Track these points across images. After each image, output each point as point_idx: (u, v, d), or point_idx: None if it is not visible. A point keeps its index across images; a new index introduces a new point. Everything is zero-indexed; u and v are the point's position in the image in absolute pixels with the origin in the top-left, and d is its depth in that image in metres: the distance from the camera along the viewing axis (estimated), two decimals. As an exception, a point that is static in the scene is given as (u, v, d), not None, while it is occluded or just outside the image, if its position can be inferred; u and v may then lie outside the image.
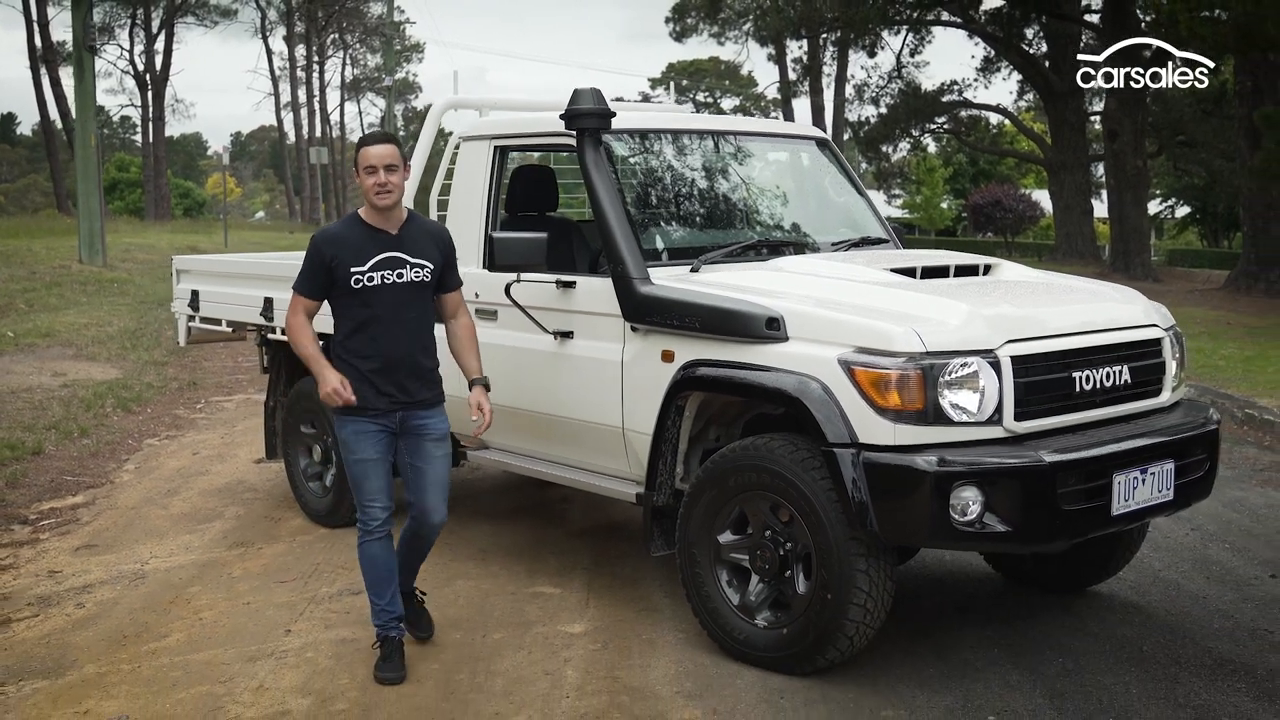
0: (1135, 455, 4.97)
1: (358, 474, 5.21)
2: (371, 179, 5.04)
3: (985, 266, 5.96)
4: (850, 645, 4.92)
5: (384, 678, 5.15)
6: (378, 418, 5.13)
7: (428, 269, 5.17)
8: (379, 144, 5.13)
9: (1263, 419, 11.15)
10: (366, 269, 5.07)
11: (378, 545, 5.24)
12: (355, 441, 5.17)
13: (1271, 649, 5.52)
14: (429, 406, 5.25)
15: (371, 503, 5.22)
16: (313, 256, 5.15)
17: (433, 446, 5.25)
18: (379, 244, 5.11)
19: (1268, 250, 27.38)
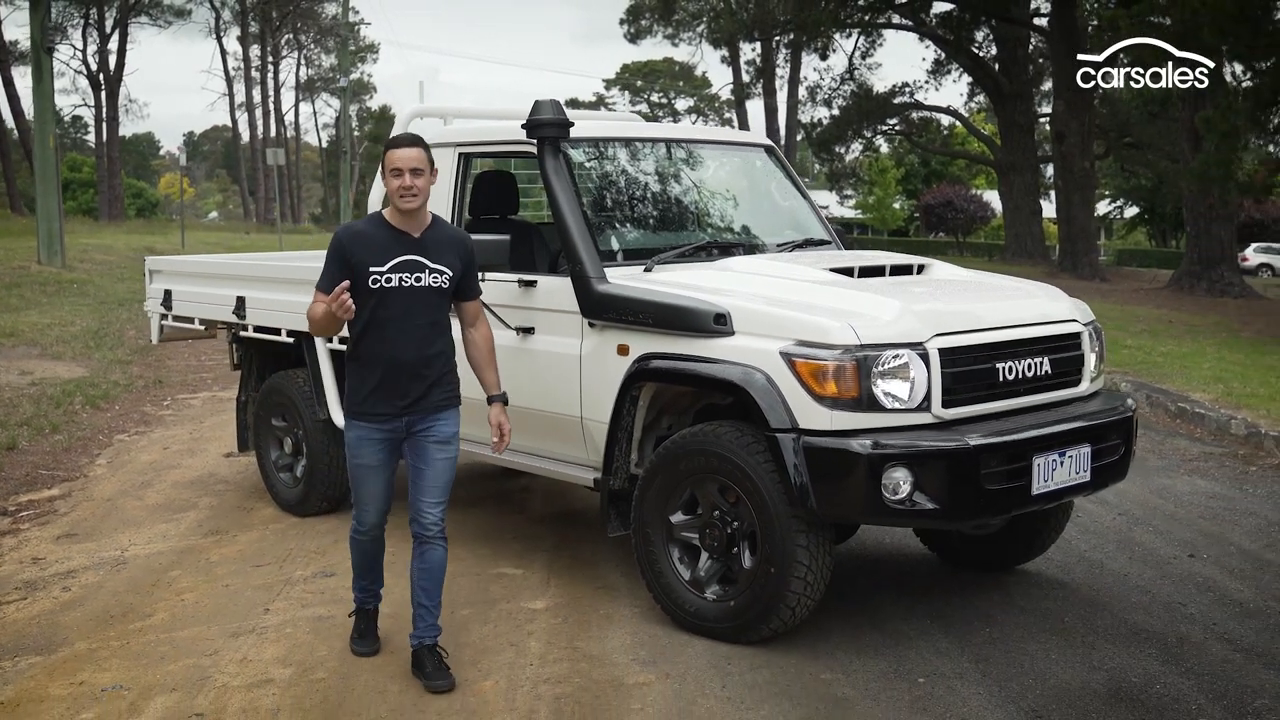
0: (1054, 440, 5.40)
1: (357, 477, 5.24)
2: (397, 181, 4.98)
3: (919, 266, 6.39)
4: (792, 615, 5.32)
5: (359, 650, 5.39)
6: (383, 424, 5.10)
7: (446, 275, 5.09)
8: (407, 147, 5.05)
9: (1194, 412, 11.64)
10: (385, 270, 4.99)
11: (369, 543, 5.37)
12: (358, 446, 5.17)
13: (1184, 620, 5.96)
14: (437, 410, 5.16)
15: (366, 506, 5.27)
16: (335, 252, 5.06)
17: (435, 449, 5.16)
18: (401, 246, 5.04)
19: (1209, 251, 28.08)
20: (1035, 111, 41.77)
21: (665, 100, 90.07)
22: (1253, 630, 5.82)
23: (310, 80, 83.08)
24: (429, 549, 5.21)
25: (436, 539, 5.21)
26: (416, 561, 5.22)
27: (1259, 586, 6.53)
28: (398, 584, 5.93)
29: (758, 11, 39.45)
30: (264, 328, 7.96)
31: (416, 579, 5.21)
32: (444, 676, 5.10)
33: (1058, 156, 34.74)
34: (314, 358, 7.53)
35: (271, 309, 7.82)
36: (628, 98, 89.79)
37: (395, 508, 5.39)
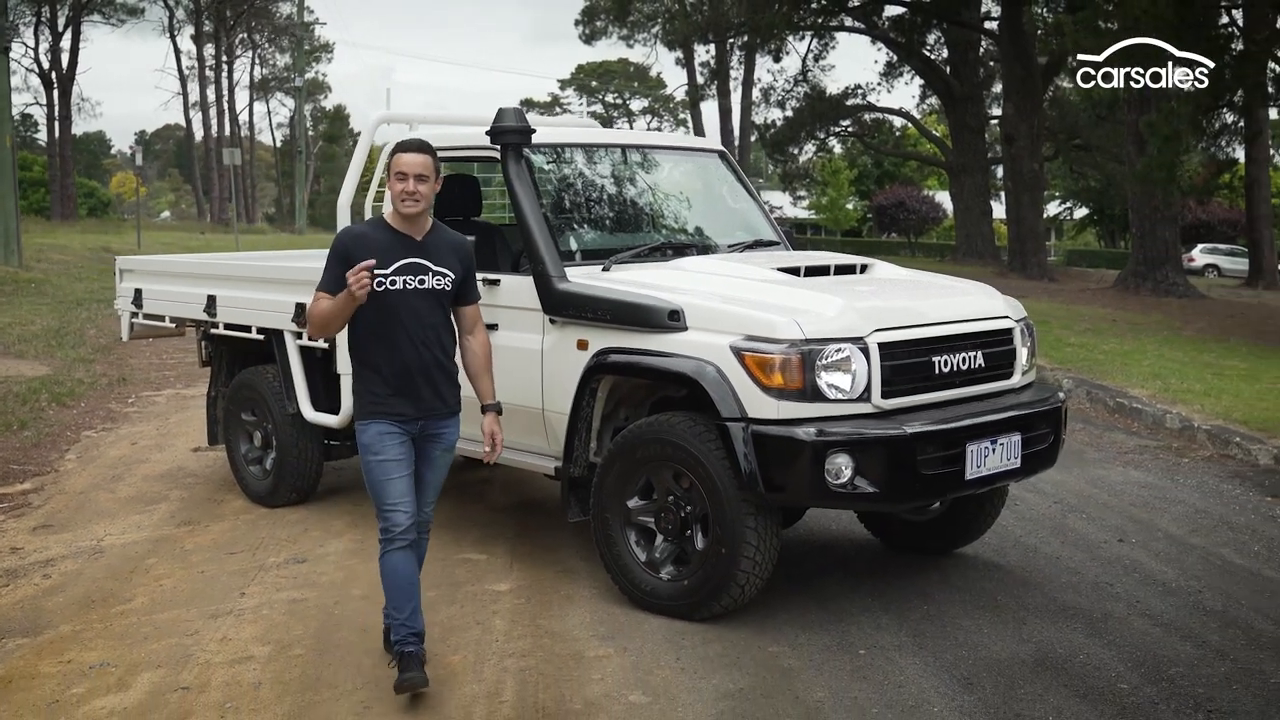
0: (986, 428, 5.77)
1: (379, 475, 5.08)
2: (401, 185, 4.98)
3: (862, 266, 6.77)
4: (742, 593, 5.67)
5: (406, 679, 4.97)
6: (403, 422, 5.07)
7: (449, 278, 5.09)
8: (415, 152, 5.04)
9: (1132, 407, 12.08)
10: (389, 272, 4.98)
11: (400, 555, 5.13)
12: (378, 443, 5.07)
13: (1110, 598, 6.35)
14: (448, 415, 5.20)
15: (394, 508, 5.09)
16: (337, 253, 5.04)
17: (440, 454, 5.22)
18: (403, 249, 5.04)
19: (1154, 251, 28.61)
20: (986, 114, 42.31)
21: (620, 101, 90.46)
22: (1172, 607, 6.21)
23: (264, 79, 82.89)
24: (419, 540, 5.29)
25: (423, 532, 5.31)
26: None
27: (1182, 568, 6.92)
28: (367, 567, 6.21)
29: (712, 14, 39.79)
30: (235, 325, 8.23)
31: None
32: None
33: (1007, 158, 35.27)
34: (284, 354, 7.81)
35: (242, 307, 8.10)
36: (583, 98, 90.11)
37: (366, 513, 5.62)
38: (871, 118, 46.63)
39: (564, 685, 5.11)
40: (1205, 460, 10.01)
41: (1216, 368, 14.63)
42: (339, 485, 8.69)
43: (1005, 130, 35.54)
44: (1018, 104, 33.78)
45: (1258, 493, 8.83)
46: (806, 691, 5.06)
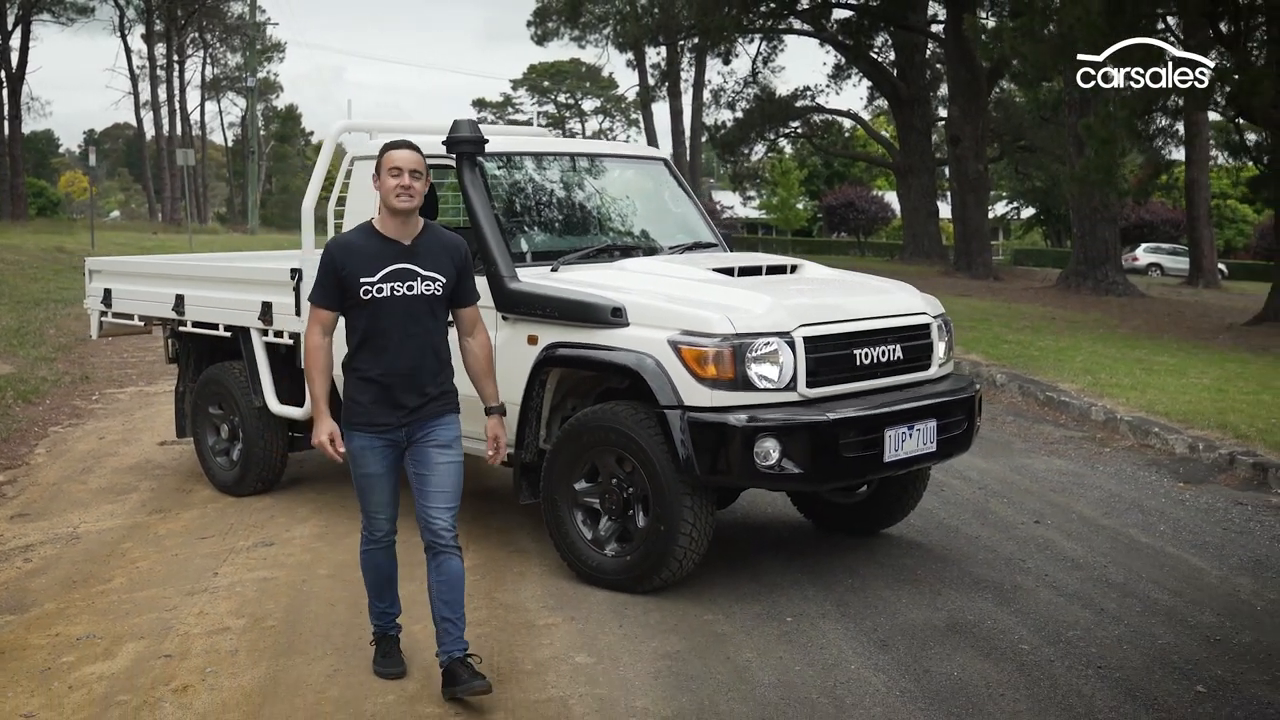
0: (904, 415, 6.30)
1: (363, 488, 5.17)
2: (395, 180, 4.96)
3: (792, 266, 7.30)
4: (680, 567, 6.17)
5: (385, 672, 5.30)
6: (385, 433, 5.06)
7: (439, 282, 5.05)
8: (407, 149, 5.06)
9: (1060, 400, 12.66)
10: (376, 280, 4.96)
11: (381, 553, 5.27)
12: (362, 456, 5.10)
13: (1020, 572, 6.89)
14: (436, 416, 5.13)
15: (376, 514, 5.21)
16: (326, 265, 5.05)
17: (436, 453, 5.11)
18: (391, 254, 5.00)
19: (1095, 251, 29.33)
20: (933, 115, 43.01)
21: (572, 101, 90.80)
22: (1077, 580, 6.76)
23: (216, 79, 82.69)
24: (445, 559, 5.09)
25: (451, 547, 5.09)
26: (433, 575, 5.11)
27: (1090, 546, 7.47)
28: (332, 549, 6.64)
29: (662, 16, 40.18)
30: (202, 323, 8.65)
31: (436, 593, 5.10)
32: (479, 679, 4.98)
33: (953, 159, 35.94)
34: (250, 350, 8.22)
35: (210, 306, 8.52)
36: (535, 99, 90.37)
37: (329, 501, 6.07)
38: (820, 119, 47.19)
39: (517, 649, 5.59)
40: (1126, 450, 10.58)
41: (1146, 363, 15.21)
42: (302, 475, 9.11)
43: (951, 132, 36.19)
44: (963, 106, 34.44)
45: (1171, 479, 9.39)
46: (737, 653, 5.57)
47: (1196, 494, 8.91)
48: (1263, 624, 6.13)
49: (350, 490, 8.44)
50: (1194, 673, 5.44)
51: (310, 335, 5.13)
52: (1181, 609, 6.30)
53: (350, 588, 6.47)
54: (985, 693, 5.16)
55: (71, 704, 5.03)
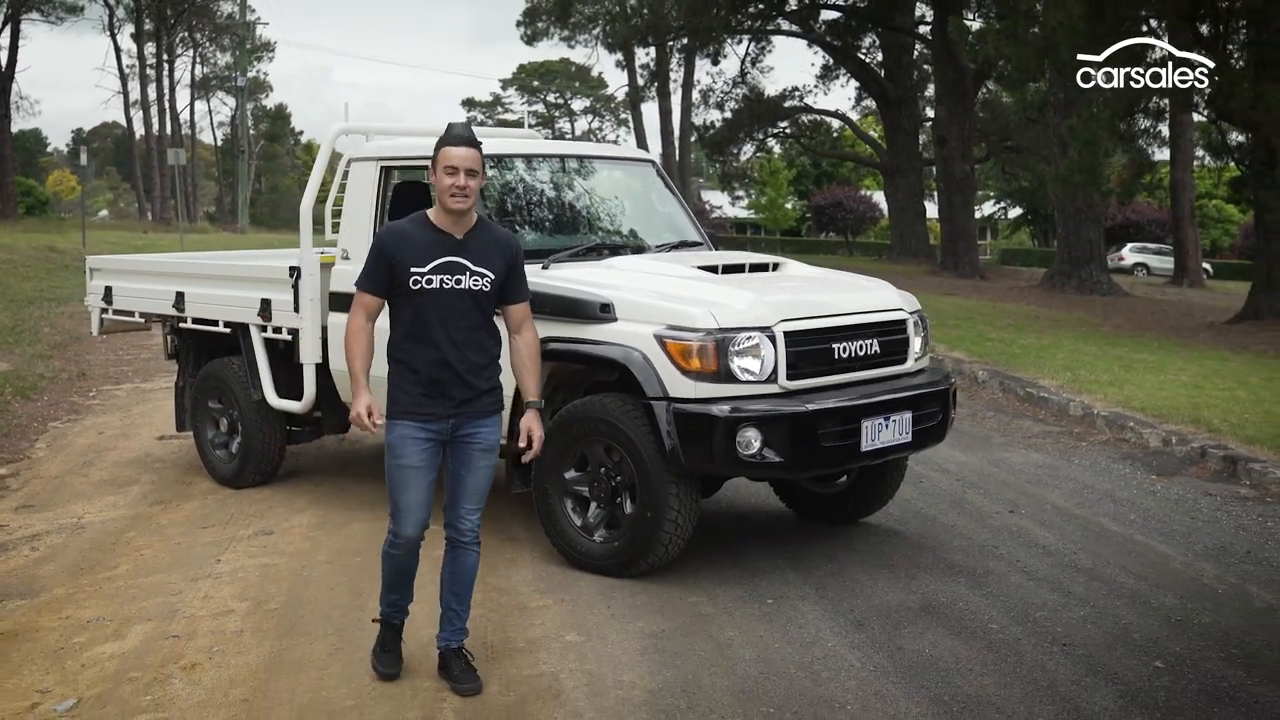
0: (880, 407, 6.57)
1: (397, 480, 5.09)
2: (450, 180, 4.90)
3: (774, 264, 7.57)
4: (665, 552, 6.44)
5: (383, 671, 5.30)
6: (428, 423, 5.02)
7: (488, 279, 5.02)
8: (464, 146, 4.95)
9: (1039, 396, 12.95)
10: (426, 271, 4.93)
11: (405, 556, 5.24)
12: (401, 446, 5.03)
13: (993, 558, 7.17)
14: (483, 415, 5.11)
15: (407, 513, 5.11)
16: (376, 251, 5.05)
17: (479, 456, 5.12)
18: (443, 247, 4.97)
19: (1079, 251, 29.68)
20: (920, 116, 43.37)
21: (561, 101, 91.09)
22: (1047, 565, 7.04)
23: (205, 78, 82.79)
24: (463, 553, 5.22)
25: (471, 545, 5.21)
26: (449, 566, 5.24)
27: (1061, 534, 7.75)
28: (329, 538, 6.89)
29: (651, 17, 40.44)
30: (202, 319, 8.89)
31: (448, 582, 5.24)
32: (471, 679, 5.14)
33: (940, 160, 36.27)
34: (249, 346, 8.46)
35: (210, 303, 8.76)
36: (525, 98, 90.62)
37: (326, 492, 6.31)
38: (809, 119, 47.56)
39: (509, 629, 5.85)
40: (1101, 444, 10.86)
41: (1126, 361, 15.51)
42: (299, 468, 9.36)
43: (937, 132, 36.52)
44: (949, 107, 34.78)
45: (1144, 471, 9.68)
46: (719, 632, 5.84)
47: (1168, 485, 9.19)
48: (1223, 606, 6.40)
49: (347, 480, 8.84)
50: (1153, 650, 5.72)
51: (353, 319, 5.08)
52: (1145, 592, 6.58)
53: (349, 573, 6.74)
54: (954, 667, 5.44)
55: (85, 680, 5.28)
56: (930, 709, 4.99)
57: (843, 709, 4.98)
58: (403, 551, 5.22)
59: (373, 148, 8.13)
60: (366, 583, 6.56)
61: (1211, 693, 5.25)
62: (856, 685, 5.23)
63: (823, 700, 5.07)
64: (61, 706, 4.99)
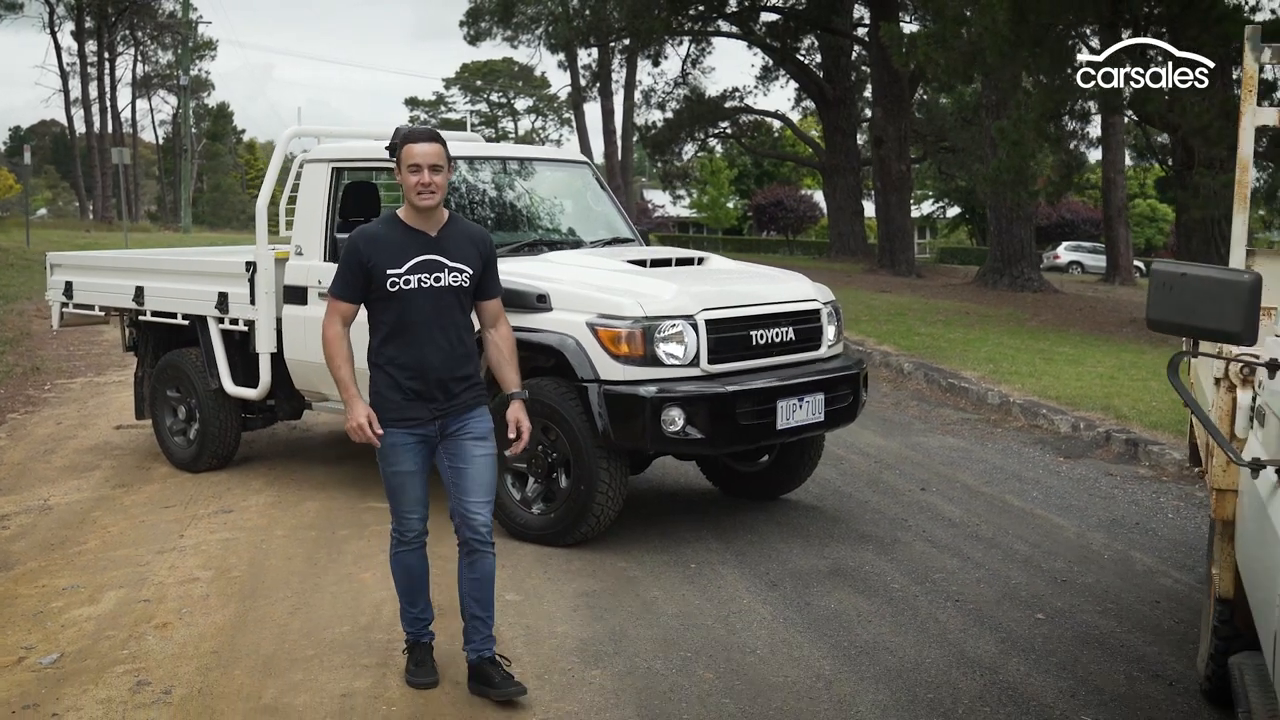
0: (794, 389, 7.17)
1: (394, 485, 5.08)
2: (415, 178, 4.83)
3: (699, 259, 8.17)
4: (597, 523, 7.02)
5: (416, 683, 5.16)
6: (416, 428, 4.97)
7: (466, 274, 4.98)
8: (426, 142, 4.88)
9: (960, 386, 13.60)
10: (403, 271, 4.87)
11: (412, 555, 5.20)
12: (394, 454, 5.01)
13: (901, 529, 7.78)
14: (469, 409, 5.07)
15: (408, 514, 5.12)
16: (349, 257, 4.94)
17: (473, 445, 5.05)
18: (417, 246, 4.91)
19: (1011, 249, 30.42)
20: (858, 117, 44.05)
21: (505, 100, 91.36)
22: (950, 535, 7.66)
23: (147, 76, 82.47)
24: (479, 558, 5.10)
25: (486, 545, 5.09)
26: (466, 571, 5.11)
27: (967, 509, 8.38)
28: (285, 514, 7.40)
29: (593, 18, 40.91)
30: (161, 312, 9.36)
31: (468, 589, 5.11)
32: (513, 685, 5.03)
33: (876, 160, 36.86)
34: (207, 337, 8.93)
35: (169, 296, 9.24)
36: (468, 97, 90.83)
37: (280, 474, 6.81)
38: (749, 119, 48.20)
39: (455, 590, 6.36)
40: (1015, 430, 11.53)
41: (1047, 354, 16.20)
42: (252, 454, 9.85)
43: (875, 133, 37.13)
44: (886, 108, 35.44)
45: (1052, 454, 10.34)
46: (645, 591, 6.43)
47: (1072, 466, 9.86)
48: (1106, 569, 7.05)
49: (298, 464, 9.34)
50: (1037, 604, 6.35)
51: (329, 327, 5.03)
52: (1037, 557, 7.22)
53: (305, 545, 7.27)
54: (856, 620, 6.05)
55: (65, 638, 5.77)
56: (830, 653, 5.59)
57: (752, 653, 5.57)
58: (411, 549, 5.17)
59: (325, 150, 8.64)
60: (321, 553, 7.10)
61: (1084, 639, 5.87)
62: (767, 634, 5.82)
63: (735, 646, 5.66)
64: (46, 660, 5.48)
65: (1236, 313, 3.10)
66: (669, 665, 5.43)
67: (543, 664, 5.45)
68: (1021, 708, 5.03)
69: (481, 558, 5.08)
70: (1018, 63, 20.81)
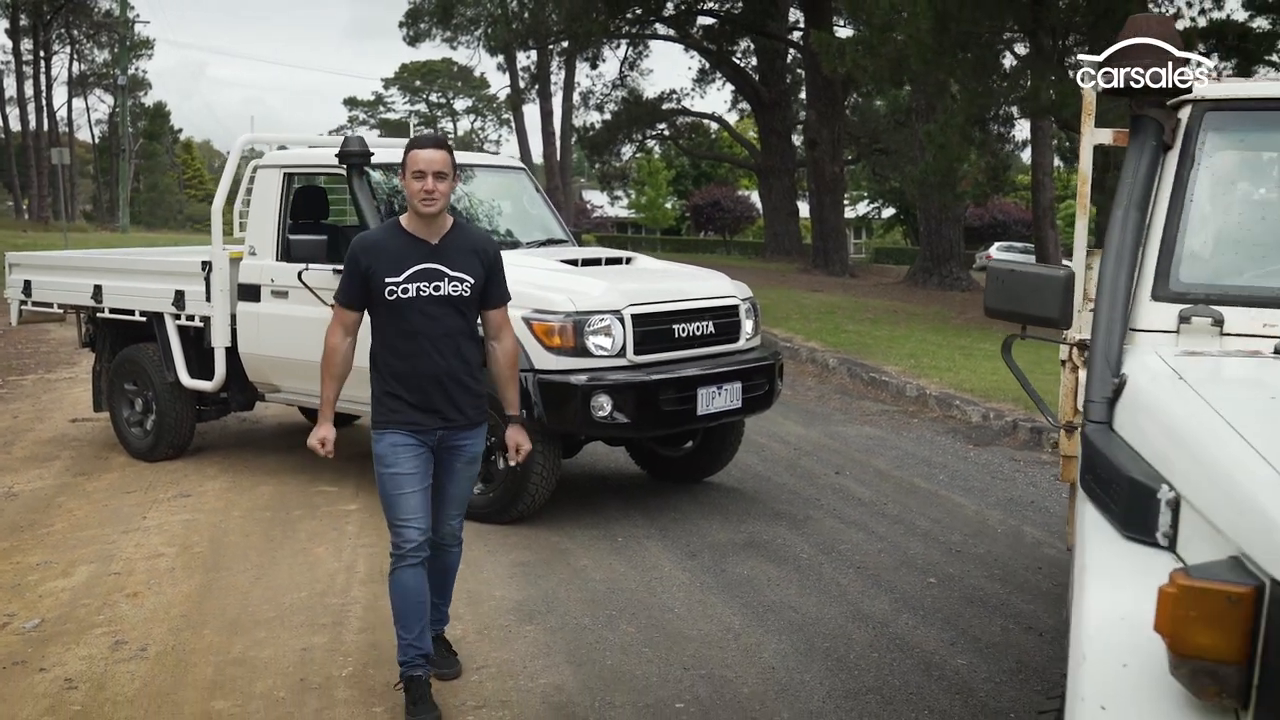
0: (714, 378, 7.81)
1: (391, 488, 4.87)
2: (419, 184, 4.73)
3: (627, 258, 8.80)
4: (532, 501, 7.63)
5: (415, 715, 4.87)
6: (417, 432, 4.87)
7: (467, 283, 4.87)
8: (431, 149, 4.80)
9: (882, 380, 14.30)
10: (401, 280, 4.77)
11: (410, 573, 4.91)
12: (391, 455, 4.86)
13: (814, 508, 8.44)
14: (470, 427, 5.01)
15: (406, 523, 4.87)
16: (350, 265, 4.88)
17: (463, 466, 5.07)
18: (417, 254, 4.81)
19: (940, 249, 31.29)
20: (793, 119, 44.79)
21: (444, 101, 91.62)
22: (860, 514, 8.32)
23: (83, 75, 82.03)
24: (444, 552, 5.21)
25: (453, 545, 5.26)
26: (431, 562, 5.07)
27: (877, 490, 9.05)
28: (242, 498, 7.95)
29: (532, 21, 41.39)
30: (119, 309, 9.87)
31: (431, 578, 5.07)
32: (451, 664, 5.30)
33: (810, 162, 37.60)
34: (164, 332, 9.45)
35: (127, 294, 9.74)
36: (407, 97, 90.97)
37: (234, 463, 7.35)
38: (686, 121, 48.96)
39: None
40: (931, 420, 12.24)
41: (968, 350, 16.93)
42: (206, 444, 10.38)
43: (809, 135, 37.84)
44: (820, 111, 36.17)
45: (962, 442, 11.05)
46: (575, 561, 7.06)
47: (979, 453, 10.57)
48: (998, 541, 7.73)
49: (250, 453, 9.91)
50: (930, 570, 7.03)
51: (331, 335, 4.99)
52: (936, 531, 7.90)
53: (262, 525, 7.82)
54: (765, 583, 6.70)
55: (44, 606, 6.31)
56: (740, 611, 6.23)
57: (670, 611, 6.21)
58: (410, 564, 4.91)
59: (278, 157, 9.20)
60: (277, 531, 7.67)
61: (970, 599, 6.55)
62: (684, 596, 6.46)
63: (655, 606, 6.29)
64: (29, 624, 6.02)
65: (1055, 302, 3.78)
66: (596, 621, 6.06)
67: (483, 621, 6.05)
68: (906, 654, 5.69)
69: (445, 553, 5.20)
70: (942, 69, 21.57)
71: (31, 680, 5.30)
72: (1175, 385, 2.97)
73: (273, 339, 8.70)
